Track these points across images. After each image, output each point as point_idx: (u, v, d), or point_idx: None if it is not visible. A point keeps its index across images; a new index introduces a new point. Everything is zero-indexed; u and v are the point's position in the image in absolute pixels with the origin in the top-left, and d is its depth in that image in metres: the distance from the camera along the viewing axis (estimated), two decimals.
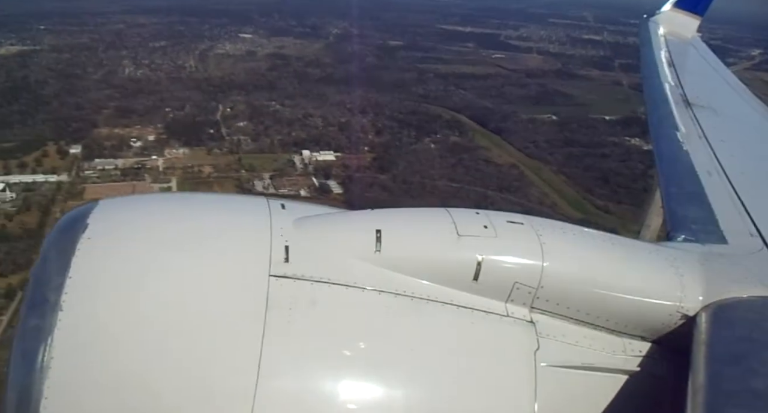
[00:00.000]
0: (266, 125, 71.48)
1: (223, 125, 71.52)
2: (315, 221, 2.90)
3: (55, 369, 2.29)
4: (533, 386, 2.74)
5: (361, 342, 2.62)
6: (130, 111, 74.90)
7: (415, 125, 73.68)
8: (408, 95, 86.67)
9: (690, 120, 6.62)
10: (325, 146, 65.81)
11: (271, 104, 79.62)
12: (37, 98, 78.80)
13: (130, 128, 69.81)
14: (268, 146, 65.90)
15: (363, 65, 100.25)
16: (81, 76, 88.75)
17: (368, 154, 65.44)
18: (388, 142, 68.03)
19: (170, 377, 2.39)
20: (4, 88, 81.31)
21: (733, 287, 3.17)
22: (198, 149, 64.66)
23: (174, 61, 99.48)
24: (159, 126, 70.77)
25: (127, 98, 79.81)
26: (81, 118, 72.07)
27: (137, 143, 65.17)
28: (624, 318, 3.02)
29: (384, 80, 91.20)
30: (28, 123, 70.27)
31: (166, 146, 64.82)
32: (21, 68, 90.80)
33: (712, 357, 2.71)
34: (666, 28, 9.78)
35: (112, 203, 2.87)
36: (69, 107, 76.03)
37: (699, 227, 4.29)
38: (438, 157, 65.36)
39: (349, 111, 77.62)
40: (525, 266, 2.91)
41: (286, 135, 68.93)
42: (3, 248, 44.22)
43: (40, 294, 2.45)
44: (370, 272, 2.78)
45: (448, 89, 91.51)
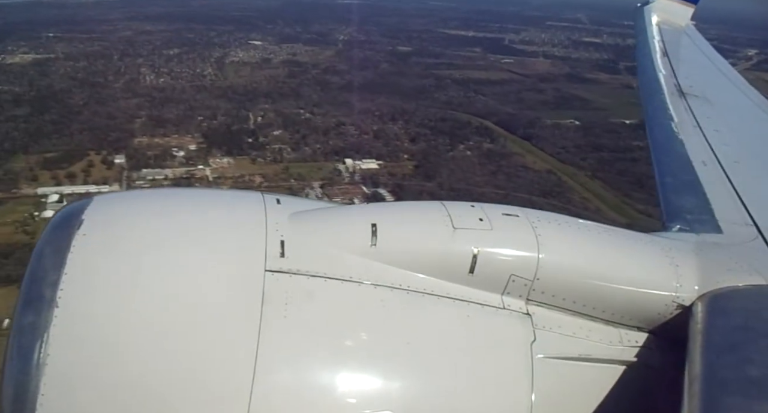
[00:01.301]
0: (302, 133, 72.33)
1: (259, 133, 72.19)
2: (310, 215, 2.93)
3: (51, 366, 2.30)
4: (530, 378, 2.75)
5: (358, 335, 2.63)
6: (163, 120, 75.41)
7: (446, 132, 75.04)
8: (432, 102, 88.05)
9: (684, 110, 6.62)
10: (365, 155, 66.85)
11: (300, 112, 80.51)
12: (67, 107, 78.98)
13: (167, 138, 70.34)
14: (309, 155, 66.81)
15: (379, 72, 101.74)
16: (104, 85, 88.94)
17: (408, 161, 66.64)
18: (425, 149, 69.24)
19: (166, 372, 2.40)
20: (32, 98, 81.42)
21: (728, 277, 3.17)
22: (241, 159, 65.36)
23: (192, 69, 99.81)
24: (196, 135, 71.38)
25: (157, 107, 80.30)
26: (116, 127, 72.45)
27: (180, 153, 65.67)
28: (620, 308, 3.04)
29: (404, 87, 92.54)
30: (64, 133, 70.60)
31: (209, 156, 65.45)
32: (42, 77, 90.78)
33: (708, 347, 2.72)
34: (660, 16, 9.71)
35: (107, 199, 2.91)
36: (100, 116, 76.33)
37: (694, 217, 4.30)
38: (477, 164, 66.78)
39: (380, 119, 78.84)
40: (521, 259, 2.93)
41: (323, 143, 69.83)
42: None
43: (36, 291, 2.44)
44: (366, 266, 2.79)
45: (468, 96, 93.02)
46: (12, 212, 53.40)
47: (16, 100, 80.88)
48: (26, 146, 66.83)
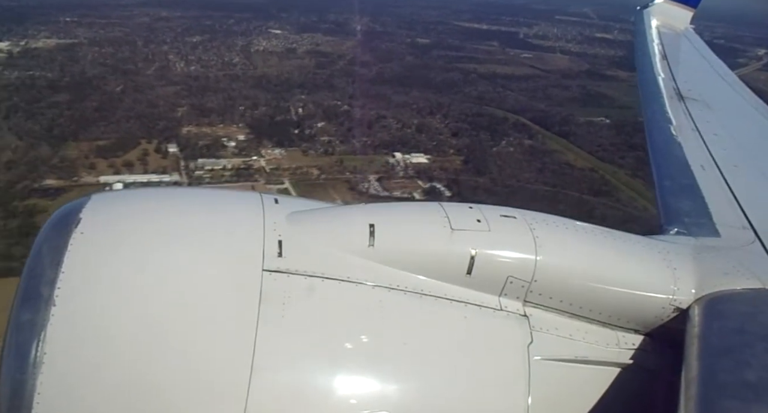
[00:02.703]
0: (346, 126, 73.09)
1: (304, 125, 72.84)
2: (308, 215, 2.94)
3: (48, 364, 2.30)
4: (527, 379, 2.76)
5: (355, 336, 2.63)
6: (206, 109, 75.72)
7: (485, 128, 76.16)
8: (464, 97, 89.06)
9: (683, 113, 6.61)
10: (412, 149, 67.83)
11: (338, 104, 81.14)
12: (106, 94, 78.96)
13: (214, 127, 70.75)
14: (359, 148, 67.60)
15: (405, 65, 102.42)
16: (137, 72, 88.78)
17: (454, 156, 67.74)
18: (470, 145, 70.34)
19: (163, 371, 2.40)
20: (68, 84, 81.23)
21: (725, 280, 3.17)
22: (292, 150, 65.99)
23: (220, 57, 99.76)
24: (241, 125, 71.86)
25: (196, 96, 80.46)
26: (161, 116, 72.71)
27: (231, 143, 66.15)
28: (617, 311, 3.05)
29: (433, 81, 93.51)
30: (111, 120, 70.68)
31: (260, 147, 66.01)
32: (72, 63, 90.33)
33: (704, 350, 2.71)
34: (659, 19, 9.74)
35: (105, 197, 2.90)
36: (141, 103, 76.46)
37: (692, 220, 4.29)
38: (522, 160, 68.07)
39: (418, 113, 79.75)
40: (518, 260, 2.93)
41: (370, 137, 70.66)
42: None
43: (33, 289, 2.45)
44: (364, 266, 2.80)
45: (497, 91, 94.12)
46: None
47: (53, 87, 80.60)
48: (75, 134, 66.86)
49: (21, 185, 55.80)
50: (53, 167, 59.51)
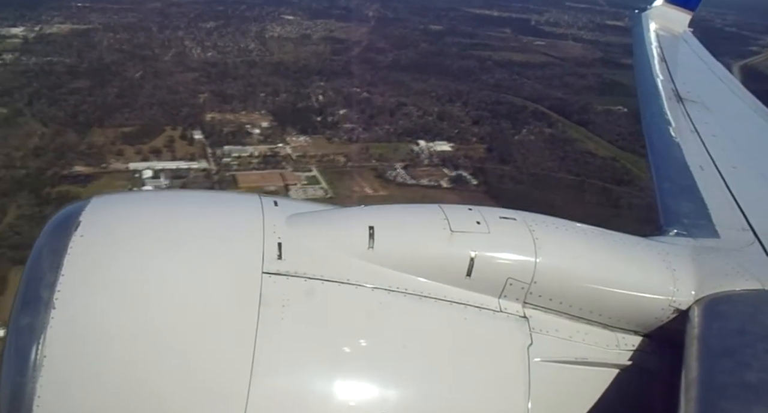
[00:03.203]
0: (368, 113, 73.27)
1: (326, 112, 73.03)
2: (308, 217, 2.93)
3: (48, 367, 2.30)
4: (527, 381, 2.75)
5: (355, 338, 2.63)
6: (227, 96, 75.85)
7: (505, 116, 76.37)
8: (481, 84, 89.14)
9: (682, 115, 6.62)
10: (435, 136, 68.11)
11: (357, 91, 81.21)
12: (126, 80, 79.08)
13: (236, 114, 70.99)
14: (382, 136, 67.89)
15: (420, 51, 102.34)
16: (154, 58, 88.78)
17: (477, 144, 68.02)
18: (492, 133, 70.60)
19: (163, 374, 2.40)
20: (86, 70, 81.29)
21: (725, 281, 3.17)
22: (317, 137, 66.26)
23: (235, 43, 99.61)
24: (263, 112, 72.06)
25: (216, 83, 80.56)
26: (183, 102, 72.88)
27: (255, 130, 66.42)
28: (617, 312, 3.04)
29: (450, 68, 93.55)
30: (134, 107, 70.88)
31: (285, 134, 66.27)
32: (88, 48, 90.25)
33: (704, 351, 2.71)
34: (658, 22, 9.82)
35: (105, 200, 2.89)
36: (161, 89, 76.58)
37: (691, 222, 4.29)
38: (544, 149, 68.37)
39: (437, 100, 79.91)
40: (518, 262, 2.93)
41: (392, 124, 70.91)
42: None
43: (33, 292, 2.45)
44: (364, 268, 2.79)
45: (513, 78, 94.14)
46: (107, 187, 53.97)
47: (72, 73, 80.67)
48: (100, 120, 67.09)
49: (51, 172, 56.13)
50: (81, 154, 59.80)
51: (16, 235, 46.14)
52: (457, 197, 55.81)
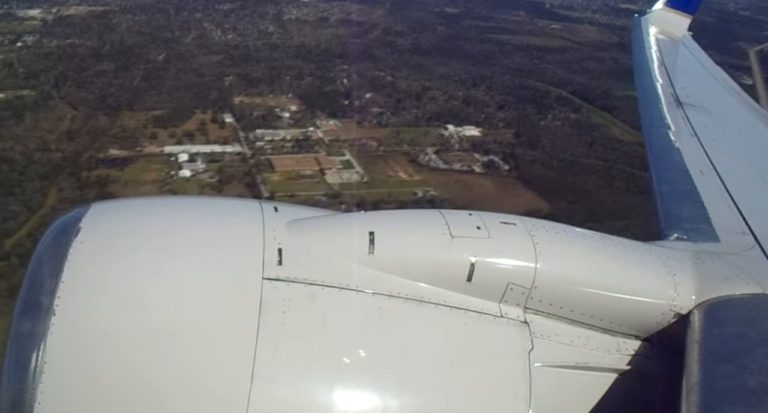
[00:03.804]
0: (395, 97, 73.47)
1: (353, 95, 73.21)
2: (308, 223, 2.94)
3: (48, 374, 2.29)
4: (528, 386, 2.74)
5: (355, 344, 2.63)
6: (252, 80, 75.97)
7: (530, 100, 76.54)
8: (503, 69, 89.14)
9: (681, 119, 6.63)
10: (462, 121, 68.41)
11: (381, 74, 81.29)
12: (150, 63, 79.04)
13: (264, 97, 71.20)
14: (411, 120, 68.17)
15: (439, 35, 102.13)
16: (176, 41, 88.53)
17: (505, 129, 68.33)
18: (519, 118, 70.88)
19: (164, 380, 2.40)
20: (109, 53, 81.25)
21: (725, 286, 3.18)
22: (347, 121, 66.54)
23: (254, 26, 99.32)
24: (291, 96, 72.22)
25: (240, 66, 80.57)
26: (210, 85, 73.01)
27: (285, 114, 66.70)
28: (617, 317, 3.04)
29: (470, 52, 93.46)
30: (161, 90, 71.04)
31: (314, 118, 66.53)
32: (108, 31, 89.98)
33: (705, 356, 2.71)
34: (657, 26, 9.80)
35: (105, 207, 2.91)
36: (187, 73, 76.61)
37: (691, 226, 4.28)
38: (571, 134, 68.71)
39: (462, 85, 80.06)
40: (518, 267, 2.93)
41: (419, 108, 71.18)
42: None
43: (33, 298, 2.44)
44: (364, 274, 2.79)
45: (534, 63, 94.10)
46: (145, 170, 54.52)
47: (95, 56, 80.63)
48: (130, 103, 67.27)
49: (87, 155, 56.47)
50: (115, 137, 60.17)
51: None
52: (490, 182, 56.40)
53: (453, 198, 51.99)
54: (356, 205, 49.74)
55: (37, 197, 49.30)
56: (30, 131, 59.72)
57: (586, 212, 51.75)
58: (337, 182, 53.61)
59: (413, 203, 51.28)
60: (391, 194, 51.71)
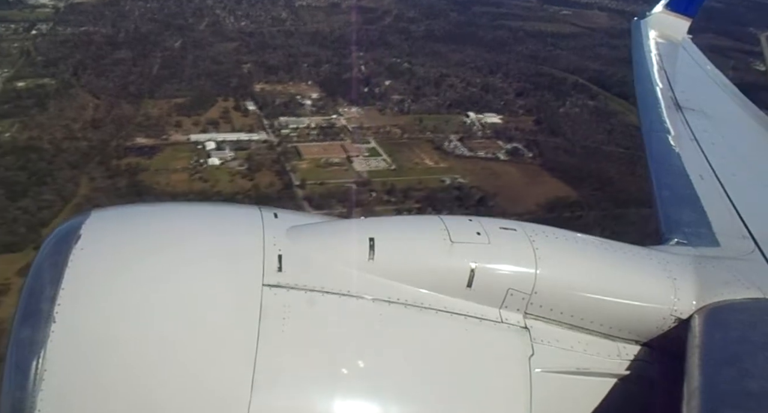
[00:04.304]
0: (413, 85, 73.62)
1: (372, 83, 73.34)
2: (308, 229, 2.93)
3: (48, 381, 2.29)
4: (528, 392, 2.74)
5: (356, 350, 2.63)
6: (270, 67, 76.03)
7: (547, 88, 76.74)
8: (517, 56, 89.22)
9: (681, 123, 6.62)
10: (484, 108, 68.64)
11: (397, 61, 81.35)
12: (167, 51, 79.01)
13: (284, 85, 71.34)
14: (432, 107, 68.40)
15: (451, 21, 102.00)
16: (189, 28, 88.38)
17: (525, 117, 68.59)
18: (538, 105, 71.12)
19: (164, 388, 2.41)
20: (125, 41, 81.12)
21: (725, 290, 3.17)
22: (368, 109, 66.77)
23: (266, 12, 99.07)
24: (310, 83, 72.36)
25: (256, 53, 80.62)
26: (229, 73, 73.07)
27: (306, 101, 66.86)
28: (618, 322, 3.04)
29: (483, 39, 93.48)
30: (182, 78, 71.09)
31: (336, 105, 66.70)
32: (122, 19, 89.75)
33: (706, 360, 2.70)
34: (657, 29, 9.78)
35: (105, 214, 2.90)
36: (205, 60, 76.59)
37: (691, 230, 4.29)
38: (590, 121, 69.01)
39: (478, 71, 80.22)
40: (518, 273, 2.93)
41: (439, 96, 71.39)
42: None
43: (33, 306, 2.44)
44: (364, 280, 2.79)
45: (547, 49, 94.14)
46: (173, 158, 54.69)
47: (111, 43, 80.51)
48: (151, 92, 67.33)
49: (114, 144, 56.62)
50: (140, 126, 60.27)
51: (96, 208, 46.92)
52: (516, 169, 56.73)
53: (481, 186, 52.38)
54: (387, 192, 50.27)
55: (70, 186, 49.52)
56: (54, 119, 59.80)
57: (612, 199, 52.35)
58: (366, 170, 53.87)
59: (442, 190, 51.66)
60: (421, 182, 52.01)
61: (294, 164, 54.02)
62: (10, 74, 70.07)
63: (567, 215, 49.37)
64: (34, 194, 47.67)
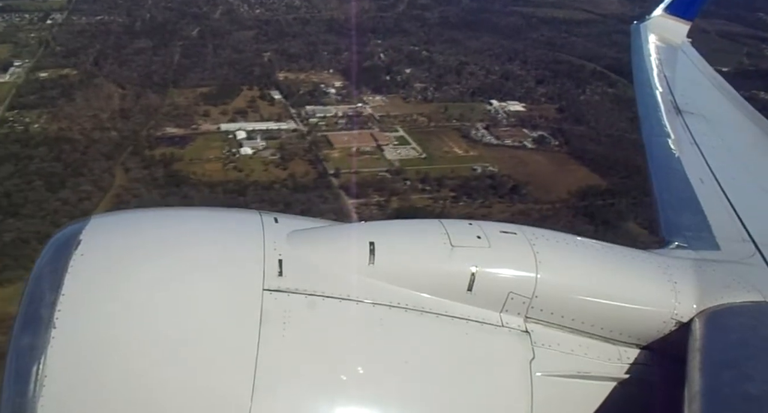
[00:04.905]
0: (434, 73, 73.88)
1: (393, 71, 73.57)
2: (308, 234, 2.93)
3: (48, 387, 2.28)
4: (529, 396, 2.75)
5: (356, 354, 2.64)
6: (291, 55, 76.18)
7: (566, 75, 77.06)
8: (534, 43, 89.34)
9: (681, 127, 6.63)
10: (506, 96, 68.99)
11: (415, 49, 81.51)
12: (186, 40, 78.98)
13: (306, 73, 71.57)
14: (456, 95, 68.75)
15: (464, 8, 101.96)
16: (205, 16, 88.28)
17: (547, 104, 68.95)
18: (559, 93, 71.44)
19: (164, 393, 2.40)
20: (142, 30, 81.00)
21: (726, 293, 3.17)
22: (392, 97, 67.08)
23: (280, 0, 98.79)
24: (332, 72, 72.57)
25: (275, 41, 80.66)
26: (250, 62, 73.20)
27: (330, 90, 67.17)
28: (618, 326, 3.04)
29: (498, 26, 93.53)
30: (205, 67, 71.22)
31: (360, 93, 66.97)
32: (136, 8, 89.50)
33: (707, 364, 2.71)
34: (656, 33, 9.75)
35: (105, 219, 2.92)
36: (225, 49, 76.63)
37: (692, 234, 4.29)
38: (612, 109, 69.34)
39: (497, 59, 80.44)
40: (519, 276, 2.93)
41: (461, 84, 71.70)
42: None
43: (34, 312, 2.45)
44: (364, 284, 2.80)
45: (562, 36, 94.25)
46: (206, 148, 55.04)
47: (129, 33, 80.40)
48: (175, 81, 67.47)
49: (144, 134, 56.89)
50: (168, 115, 60.51)
51: (135, 198, 47.29)
52: (543, 157, 57.24)
53: (513, 174, 52.90)
54: (420, 181, 50.77)
55: (106, 177, 49.89)
56: (82, 109, 60.00)
57: (641, 187, 52.84)
58: (397, 158, 54.34)
59: (474, 178, 52.15)
60: (453, 171, 52.51)
61: (326, 153, 54.43)
62: (32, 65, 70.08)
63: (599, 203, 49.97)
64: (72, 185, 48.08)
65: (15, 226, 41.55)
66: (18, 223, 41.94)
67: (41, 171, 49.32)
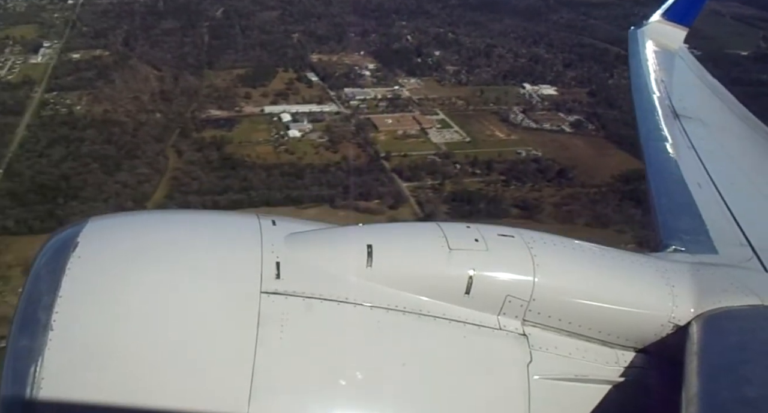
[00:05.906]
0: (464, 55, 74.48)
1: (423, 53, 74.08)
2: (306, 236, 2.94)
3: (45, 389, 2.28)
4: (527, 399, 2.75)
5: (354, 357, 2.63)
6: (319, 37, 76.37)
7: (592, 58, 77.87)
8: (555, 25, 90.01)
9: (679, 132, 6.65)
10: (537, 80, 69.81)
11: (441, 31, 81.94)
12: (213, 20, 78.96)
13: (338, 55, 71.98)
14: (489, 79, 69.50)
15: None
16: None
17: (577, 88, 69.84)
18: (588, 77, 72.27)
19: (162, 395, 2.40)
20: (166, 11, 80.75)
21: (723, 297, 3.18)
22: (427, 80, 67.76)
23: None
24: (363, 54, 72.95)
25: (301, 22, 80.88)
26: (281, 43, 73.33)
27: (365, 72, 67.71)
28: (616, 329, 3.04)
29: (518, 7, 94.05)
30: (236, 48, 71.35)
31: (395, 76, 67.54)
32: None
33: (704, 367, 2.71)
34: (653, 39, 9.76)
35: (103, 222, 2.90)
36: (253, 30, 76.64)
37: (690, 238, 4.30)
38: None
39: (522, 42, 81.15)
40: (517, 279, 2.93)
41: (492, 67, 72.40)
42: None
43: (31, 314, 2.43)
44: (362, 287, 2.79)
45: (582, 19, 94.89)
46: (253, 131, 55.57)
47: (154, 13, 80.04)
48: (210, 63, 67.59)
49: (189, 116, 57.21)
50: (209, 97, 60.82)
51: (194, 181, 47.84)
52: (582, 142, 58.32)
53: (556, 158, 53.93)
54: (470, 165, 51.69)
55: (161, 159, 50.32)
56: (122, 92, 60.13)
57: None
58: (442, 142, 55.23)
59: (520, 162, 53.13)
60: (500, 154, 53.46)
61: (372, 136, 55.11)
62: (61, 46, 69.83)
63: (644, 188, 51.10)
64: (128, 167, 48.47)
65: (79, 209, 41.85)
66: (81, 206, 42.29)
67: (94, 153, 49.66)
